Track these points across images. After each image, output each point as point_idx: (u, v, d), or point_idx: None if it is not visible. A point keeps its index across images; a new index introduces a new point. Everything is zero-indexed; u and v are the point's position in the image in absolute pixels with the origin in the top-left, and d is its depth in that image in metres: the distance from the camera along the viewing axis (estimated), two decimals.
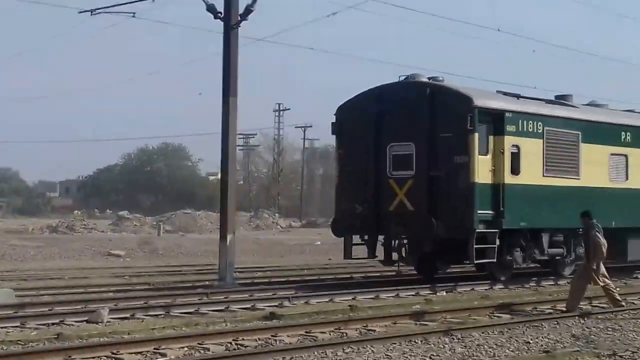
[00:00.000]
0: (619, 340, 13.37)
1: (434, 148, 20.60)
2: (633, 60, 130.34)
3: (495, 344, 12.81)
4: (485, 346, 12.65)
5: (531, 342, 13.10)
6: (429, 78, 21.64)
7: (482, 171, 20.33)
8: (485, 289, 20.82)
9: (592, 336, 13.73)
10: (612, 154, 23.86)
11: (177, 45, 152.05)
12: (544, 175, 21.84)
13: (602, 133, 23.59)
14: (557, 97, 24.37)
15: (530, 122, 21.56)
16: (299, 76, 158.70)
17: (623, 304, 17.02)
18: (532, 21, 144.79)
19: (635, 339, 13.44)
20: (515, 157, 21.10)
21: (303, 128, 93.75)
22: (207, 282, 22.43)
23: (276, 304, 17.41)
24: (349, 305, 16.90)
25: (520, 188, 21.09)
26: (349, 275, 25.16)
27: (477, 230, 20.09)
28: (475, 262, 20.65)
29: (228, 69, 22.28)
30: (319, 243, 45.59)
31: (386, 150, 21.35)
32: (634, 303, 18.02)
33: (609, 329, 14.48)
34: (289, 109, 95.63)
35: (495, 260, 20.62)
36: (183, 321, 14.69)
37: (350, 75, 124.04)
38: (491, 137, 20.74)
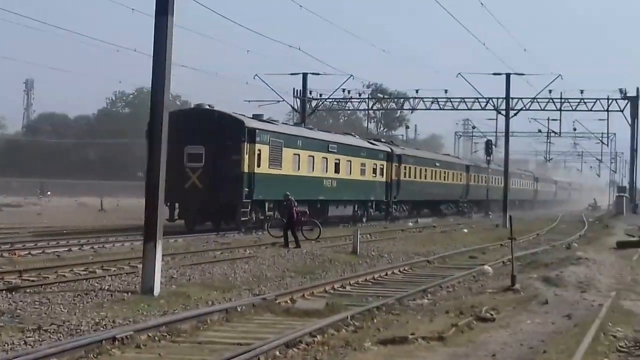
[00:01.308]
0: (46, 314, 13.09)
1: (219, 150, 32.61)
2: None
3: None
4: None
5: None
6: (209, 105, 34.56)
7: (245, 165, 32.95)
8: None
9: (19, 310, 13.25)
10: (294, 154, 37.42)
11: None
12: (269, 167, 34.73)
13: (290, 141, 37.31)
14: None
15: (265, 135, 34.70)
16: None
17: None
18: None
19: (61, 312, 13.26)
20: (259, 157, 33.79)
21: None
22: None
23: None
24: None
25: (260, 175, 33.95)
26: None
27: (243, 201, 32.69)
28: (242, 219, 32.80)
29: None
30: None
31: (184, 150, 32.61)
32: (65, 276, 17.86)
33: (36, 302, 14.10)
34: None
35: (248, 218, 33.30)
36: None
37: None
38: (249, 144, 33.20)
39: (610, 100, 58.09)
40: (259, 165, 33.67)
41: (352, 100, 62.03)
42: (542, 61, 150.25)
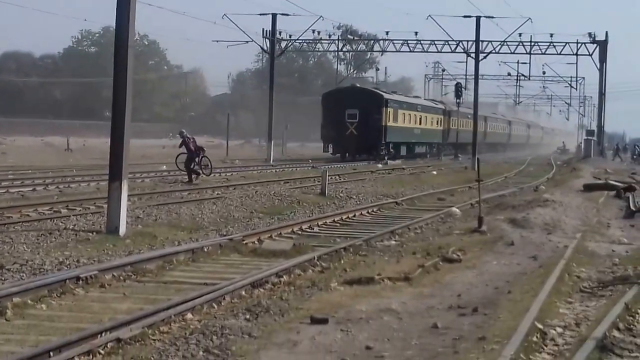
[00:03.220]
0: (9, 253, 12.99)
1: (368, 111, 53.50)
2: None
3: None
4: None
5: None
6: (357, 84, 61.65)
7: (383, 120, 54.21)
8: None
9: None
10: (402, 113, 57.81)
11: None
12: (392, 122, 55.75)
13: (401, 105, 58.68)
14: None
15: (391, 102, 56.25)
16: None
17: None
18: None
19: (25, 252, 13.16)
20: (389, 116, 54.94)
21: None
22: None
23: None
24: None
25: (390, 127, 55.12)
26: None
27: (381, 142, 53.78)
28: (382, 154, 52.98)
29: None
30: None
31: (345, 111, 53.57)
32: (29, 215, 17.66)
33: None
34: None
35: (383, 153, 53.63)
36: None
37: None
38: (385, 108, 54.26)
39: (579, 45, 58.23)
40: (389, 121, 54.91)
41: (322, 41, 61.59)
42: (513, 4, 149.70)
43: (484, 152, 75.18)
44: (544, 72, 72.36)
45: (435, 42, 59.37)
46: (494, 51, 57.57)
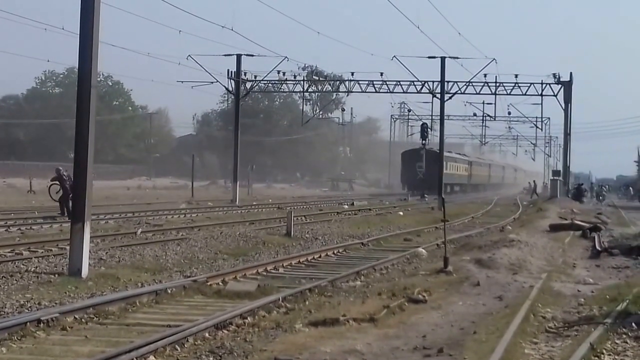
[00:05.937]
0: None
1: (430, 163, 66.51)
2: None
3: None
4: None
5: None
6: (423, 145, 70.16)
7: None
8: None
9: None
10: (449, 164, 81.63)
11: None
12: (445, 171, 66.23)
13: (449, 159, 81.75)
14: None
15: (446, 157, 68.10)
16: None
17: None
18: None
19: None
20: (446, 167, 69.44)
21: None
22: None
23: None
24: None
25: (445, 174, 62.84)
26: None
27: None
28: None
29: None
30: None
31: (415, 164, 76.89)
32: None
33: None
34: None
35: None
36: None
37: None
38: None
39: (544, 85, 58.82)
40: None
41: (287, 82, 61.65)
42: (477, 45, 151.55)
43: (489, 190, 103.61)
44: (509, 113, 72.97)
45: (401, 83, 59.84)
46: (459, 91, 58.12)
